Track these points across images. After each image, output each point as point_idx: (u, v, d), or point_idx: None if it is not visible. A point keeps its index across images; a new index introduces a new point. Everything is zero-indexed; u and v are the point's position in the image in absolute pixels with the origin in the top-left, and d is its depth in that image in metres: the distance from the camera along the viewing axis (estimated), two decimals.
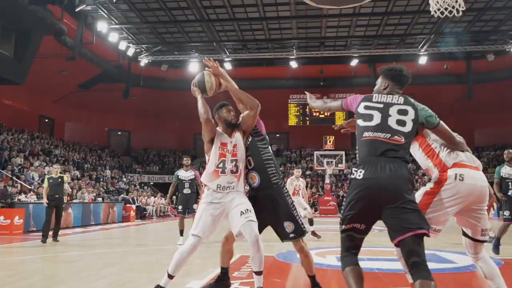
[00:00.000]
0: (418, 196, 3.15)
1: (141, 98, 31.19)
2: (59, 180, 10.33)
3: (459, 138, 3.28)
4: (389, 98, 3.15)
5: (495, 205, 3.76)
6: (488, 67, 27.59)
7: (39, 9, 18.46)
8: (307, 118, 30.83)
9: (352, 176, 2.97)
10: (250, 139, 4.15)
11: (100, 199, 19.83)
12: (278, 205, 3.97)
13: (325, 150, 29.38)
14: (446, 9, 4.30)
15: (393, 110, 3.08)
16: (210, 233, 3.89)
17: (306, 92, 4.09)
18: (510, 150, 7.82)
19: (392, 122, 3.03)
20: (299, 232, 3.97)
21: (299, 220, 4.00)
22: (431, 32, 24.33)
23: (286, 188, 4.16)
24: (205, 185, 4.04)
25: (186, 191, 9.78)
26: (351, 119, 3.58)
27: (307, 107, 30.66)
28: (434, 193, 3.12)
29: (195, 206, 9.56)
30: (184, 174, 9.90)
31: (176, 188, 10.11)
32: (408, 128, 3.01)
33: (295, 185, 10.64)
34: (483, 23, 23.46)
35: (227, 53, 27.24)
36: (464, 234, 3.39)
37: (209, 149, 4.11)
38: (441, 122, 3.17)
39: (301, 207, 10.28)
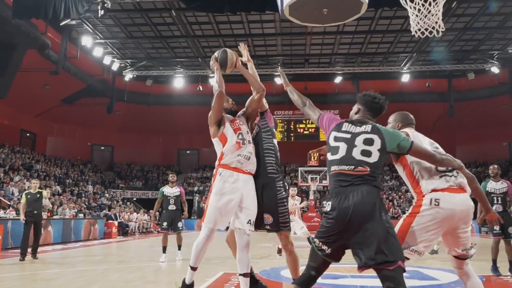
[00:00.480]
0: (399, 223, 3.19)
1: (125, 113, 31.03)
2: (38, 195, 10.10)
3: (442, 155, 3.21)
4: (358, 128, 3.18)
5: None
6: (469, 86, 28.20)
7: (23, 22, 18.32)
8: (292, 134, 30.95)
9: (323, 210, 3.06)
10: (257, 130, 4.40)
11: (81, 215, 19.49)
12: (266, 196, 4.12)
13: (309, 166, 29.45)
14: (426, 29, 4.39)
15: (359, 140, 3.10)
16: (222, 222, 4.09)
17: (280, 70, 4.22)
18: (495, 166, 7.88)
19: (356, 153, 3.06)
20: (276, 227, 4.09)
21: (281, 218, 4.08)
22: (413, 51, 24.79)
23: (283, 184, 4.25)
24: (221, 165, 4.15)
25: (171, 207, 9.64)
26: (324, 146, 3.64)
27: (292, 123, 30.82)
28: (411, 220, 3.14)
29: (180, 224, 9.58)
30: (170, 190, 9.79)
31: (161, 205, 10.03)
32: (374, 158, 3.03)
33: (292, 203, 10.48)
34: (464, 42, 24.01)
35: None
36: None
37: (216, 132, 4.26)
38: (416, 143, 3.14)
39: (298, 226, 10.15)
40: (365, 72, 27.35)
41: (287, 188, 5.00)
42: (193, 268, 4.11)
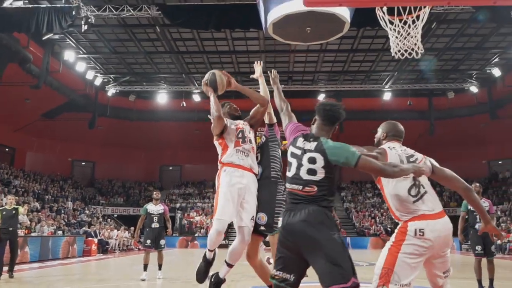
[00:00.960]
0: (383, 253, 3.11)
1: (107, 128, 30.73)
2: (13, 212, 9.82)
3: (393, 167, 3.04)
4: (307, 144, 3.18)
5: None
6: (449, 104, 28.74)
7: (4, 36, 18.14)
8: None
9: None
10: (264, 140, 4.58)
11: (60, 232, 19.08)
12: (265, 195, 4.26)
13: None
14: (406, 50, 4.47)
15: (305, 159, 3.12)
16: (234, 214, 4.19)
17: (273, 70, 4.43)
18: (477, 184, 7.87)
19: (303, 172, 3.09)
20: (270, 228, 4.15)
21: (275, 218, 4.12)
22: (394, 69, 25.22)
23: (285, 189, 4.19)
24: (224, 164, 4.31)
25: (155, 225, 9.51)
26: None
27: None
28: (397, 249, 3.06)
29: (162, 241, 9.47)
30: (153, 208, 9.68)
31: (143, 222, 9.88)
32: (319, 176, 3.04)
33: None
34: (443, 62, 24.53)
35: (196, 85, 27.35)
36: None
37: (224, 142, 4.45)
38: (364, 158, 3.03)
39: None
40: (347, 90, 27.70)
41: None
42: (229, 265, 4.31)
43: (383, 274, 3.01)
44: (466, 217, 7.99)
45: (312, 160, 3.07)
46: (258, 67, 4.87)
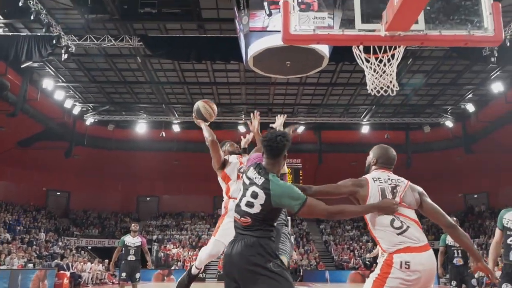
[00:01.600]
0: (368, 286, 3.08)
1: (84, 158, 30.21)
2: None
3: (337, 208, 3.06)
4: (256, 176, 3.18)
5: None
6: (425, 138, 29.35)
7: None
8: None
9: None
10: None
11: (31, 265, 18.39)
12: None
13: None
14: (381, 88, 4.59)
15: (249, 191, 3.14)
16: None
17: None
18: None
19: (243, 203, 3.14)
20: None
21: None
22: (372, 103, 25.71)
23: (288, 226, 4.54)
24: (232, 198, 4.54)
25: (131, 258, 9.39)
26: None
27: None
28: (382, 283, 3.01)
29: (137, 275, 9.35)
30: (131, 240, 9.59)
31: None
32: (255, 210, 3.06)
33: None
34: (419, 97, 25.15)
35: (176, 115, 27.32)
36: None
37: (220, 172, 4.72)
38: (308, 205, 2.99)
39: None
40: (326, 123, 28.06)
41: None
42: (197, 268, 4.55)
43: None
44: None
45: (254, 195, 3.09)
46: (255, 120, 4.58)
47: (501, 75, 21.63)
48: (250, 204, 3.07)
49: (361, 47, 3.99)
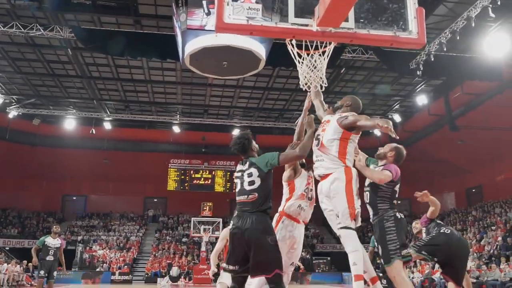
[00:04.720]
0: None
1: (6, 153, 28.22)
2: None
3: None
4: (243, 166, 4.22)
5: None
6: (359, 145, 30.42)
7: None
8: (186, 184, 30.46)
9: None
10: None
11: None
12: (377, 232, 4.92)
13: (202, 216, 29.02)
14: (312, 83, 4.94)
15: (245, 176, 4.13)
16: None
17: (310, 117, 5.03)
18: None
19: (246, 185, 4.09)
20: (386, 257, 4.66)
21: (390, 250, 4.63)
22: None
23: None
24: (284, 213, 4.87)
25: (49, 258, 9.79)
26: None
27: (188, 172, 30.43)
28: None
29: (55, 273, 9.88)
30: (52, 241, 9.94)
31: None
32: (257, 184, 4.04)
33: None
34: None
35: (108, 112, 26.40)
36: None
37: (288, 176, 5.07)
38: (282, 154, 4.20)
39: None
40: (262, 126, 28.32)
41: None
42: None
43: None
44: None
45: (250, 175, 4.09)
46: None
47: (425, 89, 23.04)
48: (251, 182, 4.04)
49: (294, 42, 4.17)
